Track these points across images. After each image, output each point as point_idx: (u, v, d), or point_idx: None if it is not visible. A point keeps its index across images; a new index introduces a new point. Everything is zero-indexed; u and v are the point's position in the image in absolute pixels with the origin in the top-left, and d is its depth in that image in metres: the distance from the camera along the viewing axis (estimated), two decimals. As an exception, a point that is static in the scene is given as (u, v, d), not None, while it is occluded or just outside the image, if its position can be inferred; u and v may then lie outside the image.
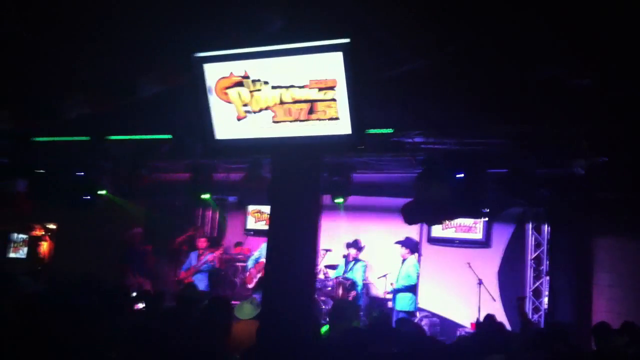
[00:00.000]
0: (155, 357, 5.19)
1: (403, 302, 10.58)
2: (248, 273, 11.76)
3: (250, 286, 11.18)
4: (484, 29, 5.97)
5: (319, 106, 5.57)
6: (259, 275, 11.04)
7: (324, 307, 10.40)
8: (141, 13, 5.45)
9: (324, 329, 7.18)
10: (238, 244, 12.89)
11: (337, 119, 5.48)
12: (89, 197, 10.18)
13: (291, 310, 5.90)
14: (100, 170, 9.88)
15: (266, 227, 12.27)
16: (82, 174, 9.91)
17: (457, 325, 11.24)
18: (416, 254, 11.16)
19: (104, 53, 6.05)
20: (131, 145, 9.27)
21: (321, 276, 11.14)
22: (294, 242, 5.95)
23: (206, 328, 6.25)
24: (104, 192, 10.07)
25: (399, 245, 11.10)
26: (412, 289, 10.63)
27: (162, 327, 6.23)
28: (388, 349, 5.66)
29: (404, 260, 10.93)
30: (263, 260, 10.72)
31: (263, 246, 11.10)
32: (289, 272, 5.93)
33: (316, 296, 9.95)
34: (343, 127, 5.52)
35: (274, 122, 5.78)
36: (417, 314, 10.97)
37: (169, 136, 9.12)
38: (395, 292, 10.72)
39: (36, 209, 11.72)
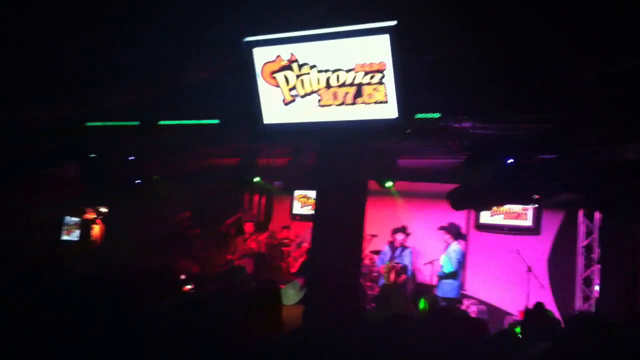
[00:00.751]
0: (201, 340, 5.27)
1: (445, 289, 10.50)
2: (292, 257, 11.83)
3: (293, 271, 11.24)
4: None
5: (366, 90, 5.55)
6: (301, 260, 11.08)
7: (369, 292, 10.41)
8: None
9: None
10: (285, 227, 12.95)
11: (384, 102, 5.46)
12: (139, 182, 10.37)
13: (337, 295, 5.92)
14: (150, 155, 10.02)
15: (312, 212, 12.40)
16: (133, 158, 10.07)
17: (505, 313, 11.10)
18: (460, 240, 10.94)
19: (152, 38, 6.12)
20: (180, 130, 9.37)
21: (367, 262, 11.13)
22: (339, 227, 5.96)
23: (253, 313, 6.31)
24: (156, 177, 10.21)
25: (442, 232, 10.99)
26: (454, 275, 10.49)
27: (210, 308, 6.31)
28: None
29: (447, 246, 10.82)
30: (306, 244, 10.79)
31: (309, 230, 11.14)
32: (334, 257, 5.95)
33: (362, 281, 9.94)
34: (390, 111, 5.50)
35: (320, 106, 5.79)
36: (462, 300, 10.85)
37: (217, 121, 9.19)
38: (439, 278, 10.64)
39: (88, 192, 11.96)
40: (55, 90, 8.08)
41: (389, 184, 9.65)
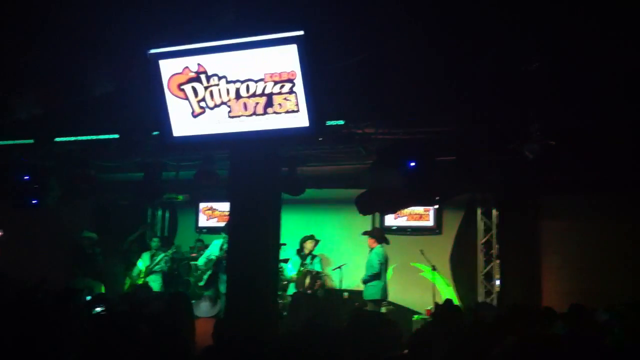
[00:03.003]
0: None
1: (370, 291, 10.63)
2: (200, 272, 11.64)
3: (201, 284, 11.07)
4: (432, 17, 6.06)
5: (276, 99, 5.56)
6: (208, 273, 10.93)
7: (280, 300, 10.40)
8: (93, 8, 5.32)
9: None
10: (193, 242, 12.74)
11: (296, 111, 5.48)
12: (35, 202, 9.91)
13: (254, 306, 5.87)
14: (47, 173, 9.60)
15: (219, 224, 12.26)
16: (28, 177, 9.62)
17: (413, 312, 11.37)
18: (383, 243, 11.08)
19: (55, 50, 5.88)
20: (79, 145, 9.04)
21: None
22: (255, 236, 5.92)
23: (169, 327, 6.17)
24: (55, 195, 9.79)
25: (366, 236, 11.18)
26: (378, 276, 10.64)
27: (121, 330, 6.11)
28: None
29: (371, 250, 10.98)
30: (213, 257, 10.67)
31: (214, 243, 11.01)
32: (251, 268, 5.90)
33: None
34: (302, 119, 5.52)
35: (231, 117, 5.74)
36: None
37: (116, 136, 8.94)
38: (364, 282, 10.77)
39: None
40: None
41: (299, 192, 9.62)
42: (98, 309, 7.59)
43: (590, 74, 6.43)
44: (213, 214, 12.88)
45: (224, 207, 12.77)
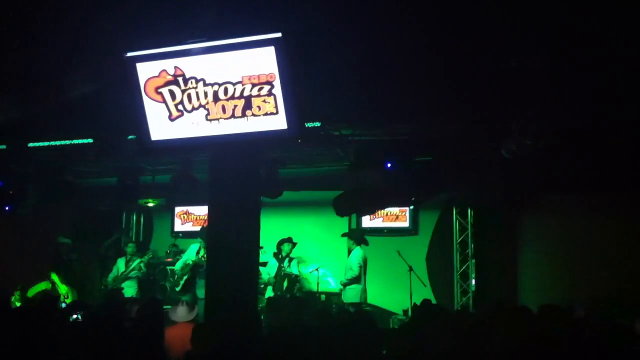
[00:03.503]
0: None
1: (349, 294, 10.62)
2: (176, 277, 11.56)
3: (177, 289, 10.99)
4: (412, 19, 6.10)
5: (255, 102, 5.57)
6: (185, 278, 10.87)
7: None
8: (70, 10, 5.27)
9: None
10: (168, 247, 12.66)
11: (275, 113, 5.48)
12: (7, 208, 9.80)
13: (235, 310, 5.85)
14: (22, 179, 9.48)
15: (194, 229, 12.19)
16: (1, 184, 9.51)
17: (390, 313, 11.42)
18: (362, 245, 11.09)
19: (31, 52, 5.82)
20: (54, 151, 8.94)
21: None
22: (235, 239, 5.91)
23: (140, 333, 6.15)
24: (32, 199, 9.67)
25: (344, 238, 11.23)
26: (357, 280, 10.65)
27: (97, 335, 6.07)
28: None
29: (350, 252, 10.99)
30: (190, 262, 10.62)
31: (191, 248, 10.94)
32: (231, 271, 5.88)
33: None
34: (281, 121, 5.53)
35: (208, 120, 5.72)
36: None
37: (90, 140, 8.87)
38: (343, 285, 10.77)
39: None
40: None
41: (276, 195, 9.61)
42: (75, 316, 7.52)
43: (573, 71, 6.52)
44: (188, 218, 12.81)
45: (200, 211, 12.73)
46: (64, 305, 9.01)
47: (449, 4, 5.81)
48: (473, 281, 11.45)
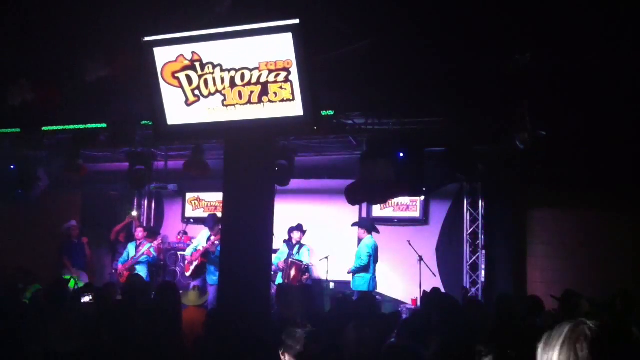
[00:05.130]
0: (110, 349, 5.14)
1: (358, 282, 10.66)
2: (186, 262, 11.62)
3: (188, 274, 11.05)
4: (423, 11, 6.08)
5: (272, 88, 5.55)
6: (195, 263, 10.92)
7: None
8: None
9: None
10: (180, 233, 12.71)
11: (291, 100, 5.47)
12: (20, 191, 9.86)
13: (247, 295, 5.87)
14: (35, 163, 9.53)
15: (205, 215, 12.23)
16: (13, 167, 9.55)
17: (399, 302, 11.44)
18: (373, 234, 11.07)
19: (49, 38, 5.83)
20: (68, 135, 8.98)
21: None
22: (249, 226, 5.92)
23: (159, 315, 6.19)
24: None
25: (355, 227, 11.24)
26: (365, 268, 10.68)
27: (113, 319, 6.11)
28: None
29: (360, 240, 11.01)
30: (200, 248, 10.67)
31: (202, 233, 10.99)
32: (244, 258, 5.89)
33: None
34: (297, 108, 5.52)
35: (225, 105, 5.71)
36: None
37: (104, 125, 8.91)
38: (351, 273, 10.81)
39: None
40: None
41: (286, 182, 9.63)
42: (86, 299, 7.57)
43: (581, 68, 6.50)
44: (199, 204, 12.85)
45: (211, 197, 12.77)
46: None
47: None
48: (483, 272, 11.44)
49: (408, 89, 7.76)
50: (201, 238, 10.86)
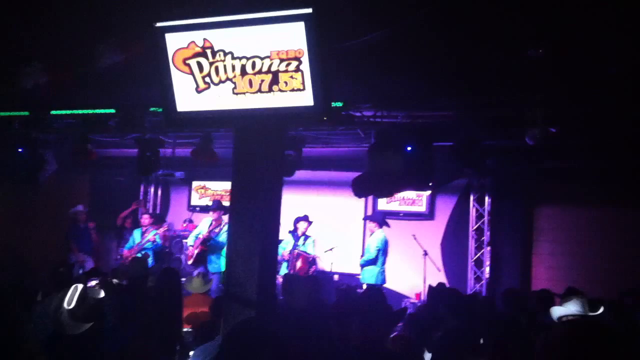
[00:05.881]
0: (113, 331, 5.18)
1: (367, 275, 10.69)
2: (189, 250, 11.66)
3: (190, 262, 11.09)
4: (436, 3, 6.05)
5: (282, 77, 5.51)
6: (195, 252, 10.97)
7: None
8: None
9: None
10: (186, 221, 12.75)
11: (302, 90, 5.43)
12: (27, 174, 9.89)
13: (255, 287, 5.86)
14: (43, 146, 9.53)
15: (210, 203, 12.25)
16: (22, 150, 9.57)
17: (403, 297, 11.45)
18: (384, 227, 11.08)
19: (62, 21, 5.82)
20: (77, 119, 8.98)
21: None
22: (256, 215, 5.89)
23: (161, 299, 6.23)
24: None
25: (367, 220, 11.37)
26: (374, 261, 10.68)
27: (119, 301, 6.14)
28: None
29: (371, 234, 11.03)
30: (201, 236, 10.73)
31: (204, 221, 11.03)
32: (252, 248, 5.87)
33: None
34: (307, 98, 5.49)
35: (235, 93, 5.69)
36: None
37: (113, 110, 8.91)
38: (361, 266, 10.83)
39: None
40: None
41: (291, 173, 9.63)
42: (93, 282, 7.60)
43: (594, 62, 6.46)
44: (205, 192, 12.88)
45: (217, 186, 12.80)
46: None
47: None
48: (487, 269, 11.44)
49: (418, 82, 7.74)
50: (203, 226, 10.92)
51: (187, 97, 5.82)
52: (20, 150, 9.70)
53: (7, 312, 4.61)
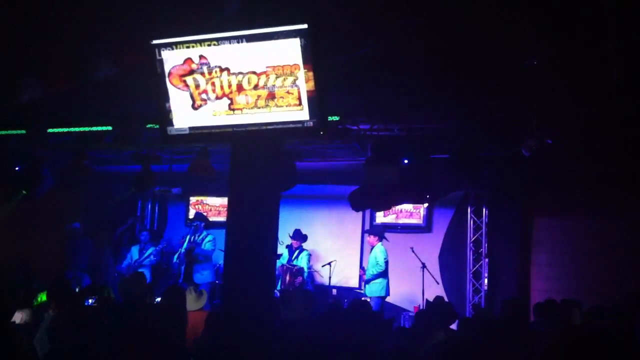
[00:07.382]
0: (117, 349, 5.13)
1: (374, 288, 10.69)
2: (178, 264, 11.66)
3: (180, 281, 11.08)
4: (432, 14, 6.07)
5: (279, 93, 5.53)
6: (182, 267, 11.02)
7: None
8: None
9: None
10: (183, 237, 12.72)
11: (298, 105, 5.46)
12: (24, 192, 9.89)
13: (252, 299, 5.84)
14: (40, 163, 9.53)
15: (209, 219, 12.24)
16: (18, 168, 9.58)
17: (401, 309, 11.43)
18: (384, 241, 11.12)
19: (59, 35, 5.83)
20: (73, 136, 8.98)
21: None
22: (253, 231, 5.89)
23: (166, 317, 6.21)
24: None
25: (366, 235, 11.46)
26: (383, 274, 10.70)
27: (116, 321, 6.11)
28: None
29: (372, 247, 11.03)
30: (183, 251, 10.82)
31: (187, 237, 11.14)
32: (249, 263, 5.86)
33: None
34: (304, 114, 5.51)
35: (232, 109, 5.71)
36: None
37: (109, 127, 8.92)
38: (367, 281, 10.82)
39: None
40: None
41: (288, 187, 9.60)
42: (90, 301, 7.59)
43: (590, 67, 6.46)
44: (203, 207, 12.86)
45: (214, 201, 12.78)
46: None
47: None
48: (486, 280, 11.42)
49: (414, 94, 7.75)
50: (183, 241, 11.07)
51: (184, 113, 5.84)
52: (17, 168, 9.71)
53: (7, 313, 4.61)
